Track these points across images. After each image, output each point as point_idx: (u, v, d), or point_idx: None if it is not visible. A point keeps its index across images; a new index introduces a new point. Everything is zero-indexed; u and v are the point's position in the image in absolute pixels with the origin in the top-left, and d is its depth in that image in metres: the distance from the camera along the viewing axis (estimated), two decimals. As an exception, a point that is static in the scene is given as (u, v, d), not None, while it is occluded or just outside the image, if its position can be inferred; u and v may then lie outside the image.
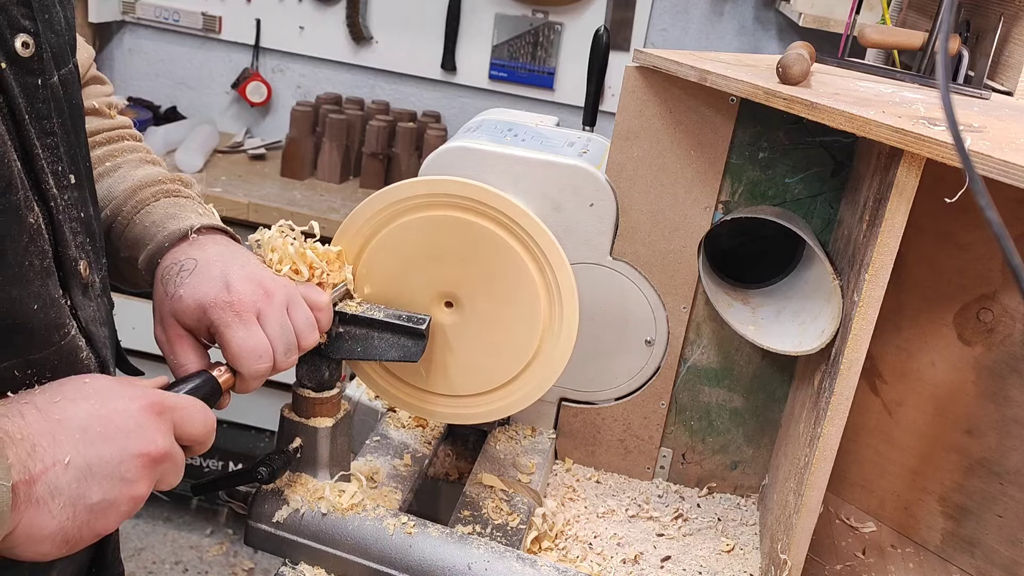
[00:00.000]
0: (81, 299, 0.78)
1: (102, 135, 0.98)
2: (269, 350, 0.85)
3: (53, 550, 0.65)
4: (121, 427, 0.68)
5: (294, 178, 2.75)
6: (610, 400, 1.28)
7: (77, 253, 0.77)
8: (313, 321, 0.91)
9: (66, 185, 0.76)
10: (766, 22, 2.84)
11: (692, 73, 1.04)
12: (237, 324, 0.84)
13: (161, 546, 2.73)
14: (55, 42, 0.76)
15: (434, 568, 0.95)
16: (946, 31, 0.65)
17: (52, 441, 0.64)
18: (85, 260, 0.78)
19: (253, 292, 0.85)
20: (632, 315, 1.22)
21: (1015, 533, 1.17)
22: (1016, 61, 1.32)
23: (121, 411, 0.69)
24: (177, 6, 3.00)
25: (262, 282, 0.87)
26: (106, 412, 0.68)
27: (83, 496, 0.65)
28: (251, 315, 0.85)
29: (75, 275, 0.76)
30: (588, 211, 1.18)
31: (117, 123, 1.01)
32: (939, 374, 1.20)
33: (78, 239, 0.77)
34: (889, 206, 0.88)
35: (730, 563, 1.16)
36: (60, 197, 0.74)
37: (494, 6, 2.86)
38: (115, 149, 0.98)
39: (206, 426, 0.75)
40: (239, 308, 0.84)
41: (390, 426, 1.26)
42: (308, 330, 0.90)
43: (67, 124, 0.77)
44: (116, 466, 0.67)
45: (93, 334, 0.79)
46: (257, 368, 0.84)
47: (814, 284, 1.13)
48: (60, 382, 0.70)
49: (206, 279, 0.85)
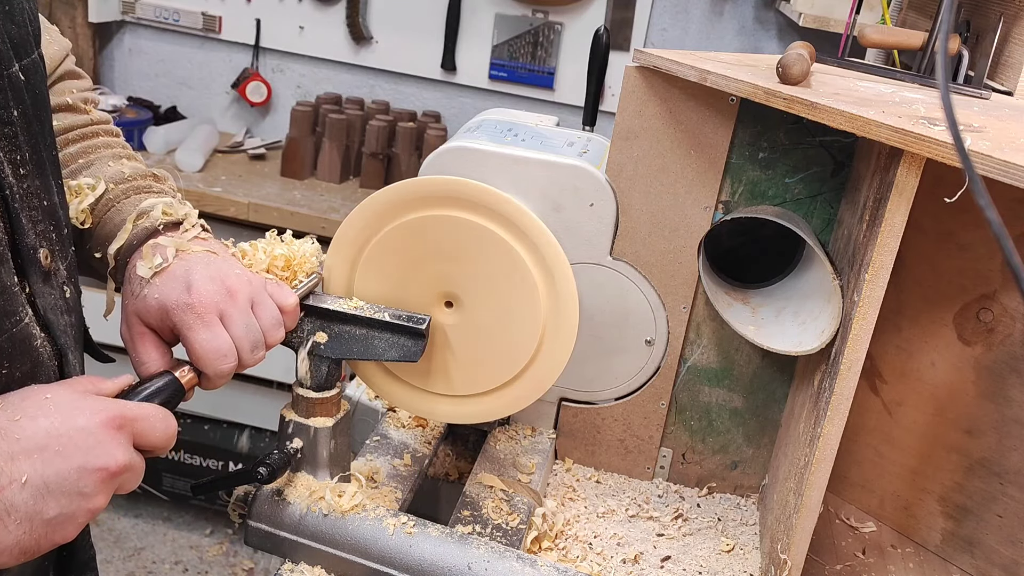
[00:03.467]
0: (41, 287, 0.78)
1: (75, 132, 0.97)
2: (233, 350, 0.85)
3: (10, 561, 0.67)
4: (80, 445, 0.70)
5: (294, 178, 2.75)
6: (610, 400, 1.28)
7: (36, 241, 0.77)
8: (279, 318, 0.91)
9: (25, 174, 0.76)
10: (766, 22, 2.84)
11: (692, 73, 1.04)
12: (199, 326, 0.84)
13: (161, 546, 2.73)
14: (15, 32, 0.76)
15: (434, 568, 0.95)
16: (946, 31, 0.65)
17: (9, 460, 0.66)
18: (47, 248, 0.79)
19: (215, 292, 0.85)
20: (632, 315, 1.22)
21: (1015, 533, 1.17)
22: (1016, 61, 1.32)
23: (80, 428, 0.70)
24: (177, 6, 3.00)
25: (224, 280, 0.87)
26: (65, 430, 0.70)
27: (40, 512, 0.67)
28: (213, 316, 0.85)
29: (34, 263, 0.77)
30: (588, 211, 1.18)
31: (93, 119, 1.00)
32: (939, 374, 1.20)
33: (38, 227, 0.78)
34: (889, 206, 0.88)
35: (730, 563, 1.16)
36: (18, 185, 0.75)
37: (494, 6, 2.86)
38: (88, 146, 0.98)
39: (166, 435, 0.77)
40: (201, 310, 0.84)
41: (390, 426, 1.26)
42: (274, 328, 0.90)
43: (28, 113, 0.77)
44: (74, 483, 0.69)
45: (52, 322, 0.80)
46: (221, 368, 0.85)
47: (814, 284, 1.13)
48: (22, 395, 0.71)
49: (169, 279, 0.86)
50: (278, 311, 0.91)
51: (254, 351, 0.87)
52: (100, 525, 2.77)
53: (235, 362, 0.86)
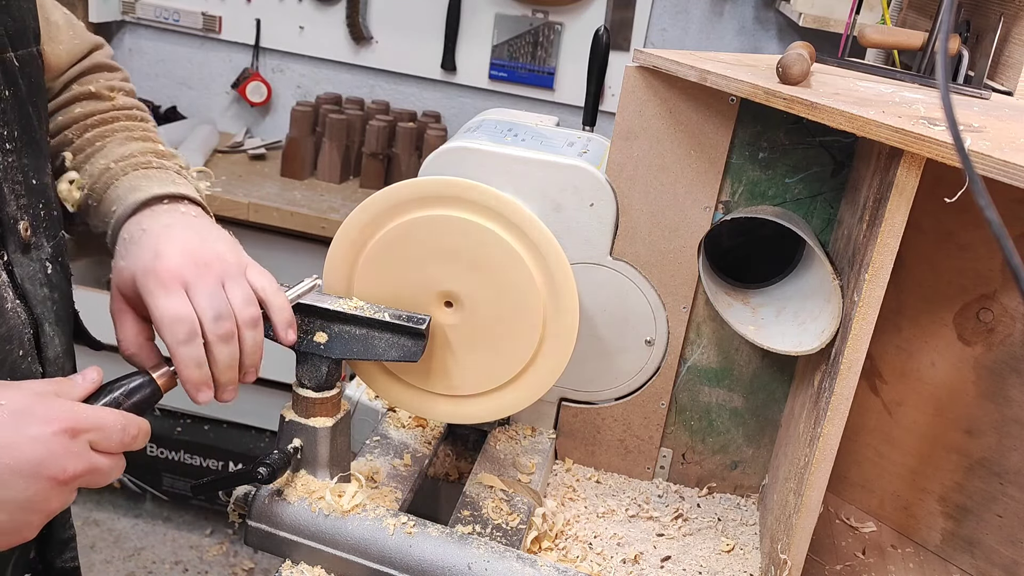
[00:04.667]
0: (20, 257, 0.85)
1: (95, 117, 1.00)
2: (192, 317, 0.82)
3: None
4: (31, 457, 0.71)
5: (294, 178, 2.75)
6: (610, 400, 1.28)
7: (18, 214, 0.84)
8: (253, 298, 0.87)
9: (11, 149, 0.82)
10: (766, 22, 2.84)
11: (692, 73, 1.04)
12: (160, 292, 0.82)
13: (161, 546, 2.73)
14: (11, 25, 0.84)
15: (434, 568, 0.95)
16: (946, 31, 0.65)
17: None
18: (27, 221, 0.85)
19: (182, 263, 0.84)
20: (632, 315, 1.22)
21: (1015, 533, 1.17)
22: (1016, 61, 1.32)
23: (32, 437, 0.71)
24: (177, 6, 3.00)
25: (194, 253, 0.85)
26: (17, 440, 0.70)
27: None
28: (176, 284, 0.83)
29: (13, 233, 0.84)
30: (588, 211, 1.18)
31: (116, 104, 1.02)
32: (939, 374, 1.20)
33: (20, 200, 0.84)
34: (889, 206, 0.88)
35: (730, 563, 1.16)
36: (3, 158, 0.81)
37: (494, 6, 2.86)
38: (106, 130, 1.00)
39: (123, 443, 0.77)
40: (164, 276, 0.83)
41: (390, 426, 1.26)
42: (244, 306, 0.86)
43: (20, 95, 0.84)
44: (23, 492, 0.71)
45: (29, 292, 0.85)
46: (178, 334, 0.81)
47: (814, 284, 1.13)
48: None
49: (142, 249, 0.86)
50: (251, 292, 0.87)
51: (217, 321, 0.83)
52: (100, 525, 2.77)
53: (193, 329, 0.82)
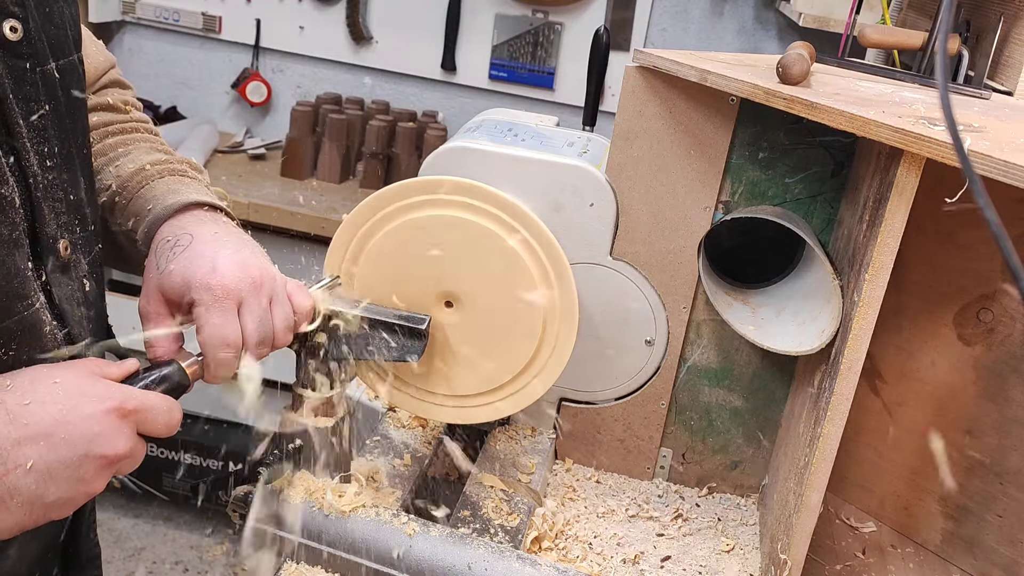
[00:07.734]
0: (59, 276, 0.81)
1: (116, 126, 1.02)
2: (239, 342, 0.85)
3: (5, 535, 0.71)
4: (85, 432, 0.72)
5: (294, 178, 2.75)
6: (610, 400, 1.28)
7: (57, 232, 0.80)
8: (292, 322, 0.91)
9: (52, 166, 0.79)
10: (766, 22, 2.84)
11: (692, 73, 1.04)
12: (216, 309, 0.84)
13: (161, 546, 2.73)
14: (53, 33, 0.80)
15: (434, 568, 0.95)
16: (946, 31, 0.65)
17: (16, 445, 0.69)
18: (67, 240, 0.82)
19: (239, 279, 0.85)
20: (632, 315, 1.22)
21: (1015, 533, 1.17)
22: (1016, 61, 1.32)
23: (87, 415, 0.73)
24: (177, 6, 3.00)
25: (249, 270, 0.87)
26: (72, 417, 0.72)
27: (41, 496, 0.71)
28: (231, 303, 0.85)
29: (52, 252, 0.80)
30: (588, 211, 1.18)
31: (133, 117, 1.05)
32: (939, 374, 1.20)
33: (61, 219, 0.81)
34: (889, 206, 0.88)
35: (730, 563, 1.16)
36: (43, 176, 0.78)
37: (494, 6, 2.86)
38: (128, 138, 1.02)
39: (169, 425, 0.79)
40: (221, 293, 0.84)
41: (390, 426, 1.26)
42: (285, 330, 0.90)
43: (61, 110, 0.80)
44: (76, 469, 0.72)
45: (67, 312, 0.82)
46: (220, 356, 0.84)
47: (814, 284, 1.13)
48: (31, 377, 0.73)
49: (197, 257, 0.86)
50: (292, 314, 0.91)
51: (259, 347, 0.87)
52: (100, 525, 2.76)
53: (237, 354, 0.85)
